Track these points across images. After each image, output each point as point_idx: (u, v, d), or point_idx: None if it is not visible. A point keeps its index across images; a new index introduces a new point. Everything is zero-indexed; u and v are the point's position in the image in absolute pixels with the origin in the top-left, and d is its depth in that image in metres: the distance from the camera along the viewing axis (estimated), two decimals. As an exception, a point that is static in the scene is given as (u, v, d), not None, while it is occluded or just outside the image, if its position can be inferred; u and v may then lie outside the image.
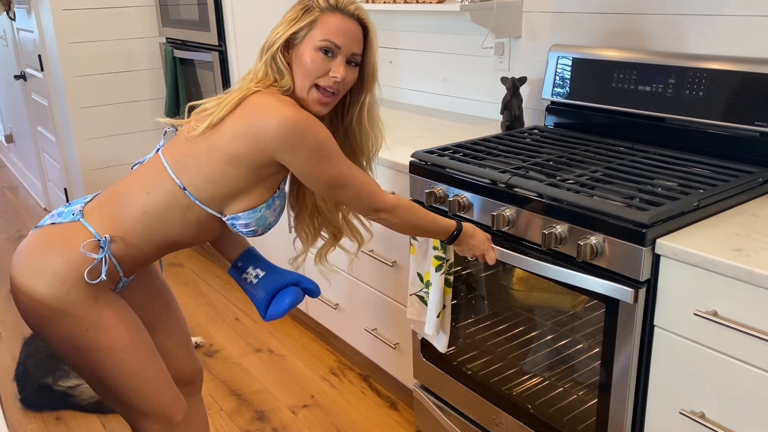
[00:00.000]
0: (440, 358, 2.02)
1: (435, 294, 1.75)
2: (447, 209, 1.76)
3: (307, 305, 2.70)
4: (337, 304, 2.48)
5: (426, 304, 1.81)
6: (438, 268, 1.72)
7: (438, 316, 1.76)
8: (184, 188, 1.34)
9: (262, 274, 1.54)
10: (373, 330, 2.31)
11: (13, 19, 3.99)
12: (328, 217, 1.58)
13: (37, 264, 1.32)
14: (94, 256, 1.31)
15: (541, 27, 2.20)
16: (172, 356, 1.62)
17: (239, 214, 1.36)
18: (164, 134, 1.49)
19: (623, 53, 1.92)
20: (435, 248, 1.72)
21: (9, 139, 5.25)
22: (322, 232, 1.62)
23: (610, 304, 1.44)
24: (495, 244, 1.67)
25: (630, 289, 1.38)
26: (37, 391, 2.33)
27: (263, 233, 1.44)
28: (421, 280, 1.80)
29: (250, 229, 1.39)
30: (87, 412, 2.33)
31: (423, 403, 2.12)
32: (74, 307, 1.32)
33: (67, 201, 3.85)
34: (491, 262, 1.61)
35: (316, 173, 1.34)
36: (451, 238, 1.58)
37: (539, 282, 1.73)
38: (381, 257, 2.17)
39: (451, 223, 1.57)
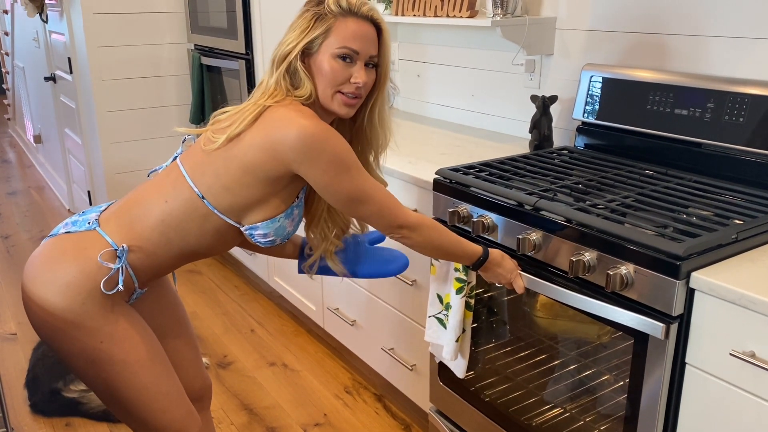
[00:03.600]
0: (457, 382, 1.95)
1: (454, 317, 1.68)
2: (470, 230, 1.70)
3: (324, 320, 2.65)
4: (355, 321, 2.43)
5: (445, 327, 1.74)
6: (459, 291, 1.66)
7: (457, 341, 1.70)
8: (203, 197, 1.31)
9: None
10: (390, 349, 2.25)
11: (45, 22, 4.03)
12: (339, 218, 1.53)
13: (50, 274, 1.28)
14: (111, 265, 1.28)
15: (574, 45, 2.14)
16: (182, 371, 1.58)
17: (257, 224, 1.33)
18: (182, 142, 1.46)
19: (659, 74, 1.85)
20: (456, 270, 1.66)
21: (37, 139, 5.30)
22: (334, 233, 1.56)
23: (640, 337, 1.37)
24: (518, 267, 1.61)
25: (661, 324, 1.30)
26: (47, 396, 2.31)
27: (281, 243, 1.40)
28: (441, 302, 1.74)
29: (268, 239, 1.35)
30: (96, 420, 2.30)
31: (438, 429, 2.05)
32: (88, 319, 1.28)
33: (90, 204, 3.86)
34: (519, 291, 1.55)
35: (334, 186, 1.30)
36: (477, 264, 1.52)
37: (564, 309, 1.66)
38: (401, 276, 2.11)
39: (478, 249, 1.51)
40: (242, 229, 1.34)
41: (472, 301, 1.70)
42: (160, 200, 1.33)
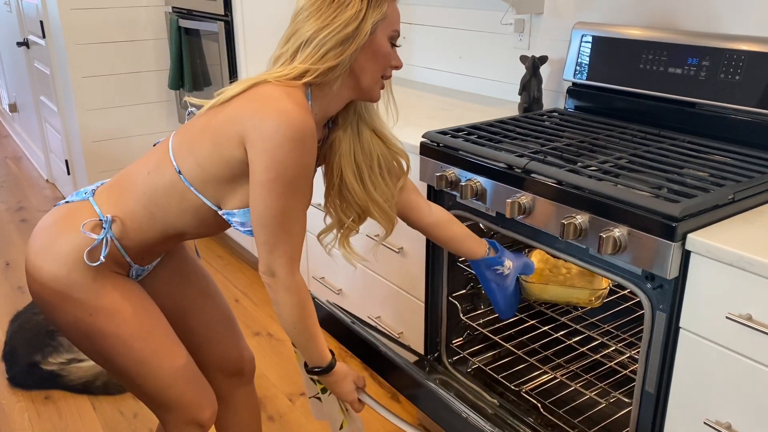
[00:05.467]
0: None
1: (332, 407, 1.49)
2: (459, 194, 1.64)
3: (310, 289, 2.60)
4: (341, 290, 2.39)
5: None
6: (324, 390, 1.46)
7: (341, 427, 1.52)
8: (180, 172, 1.24)
9: (511, 265, 1.55)
10: (376, 318, 2.21)
11: (17, -16, 3.88)
12: (353, 198, 1.38)
13: (41, 242, 1.27)
14: (94, 236, 1.24)
15: (565, 3, 2.07)
16: (212, 345, 1.51)
17: (234, 211, 1.25)
18: (188, 115, 1.39)
19: (652, 32, 1.79)
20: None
21: (13, 108, 5.16)
22: (345, 214, 1.42)
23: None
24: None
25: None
26: (26, 369, 2.26)
27: None
28: (315, 383, 1.51)
29: (247, 229, 1.26)
30: (76, 392, 2.25)
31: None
32: (76, 290, 1.25)
33: (68, 173, 3.76)
34: (355, 411, 1.41)
35: (264, 192, 1.16)
36: (314, 370, 1.34)
37: (554, 275, 1.62)
38: (387, 243, 2.06)
39: (328, 356, 1.33)
40: (220, 213, 1.26)
41: None
42: (144, 172, 1.29)
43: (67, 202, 1.33)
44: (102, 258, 1.24)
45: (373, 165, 1.38)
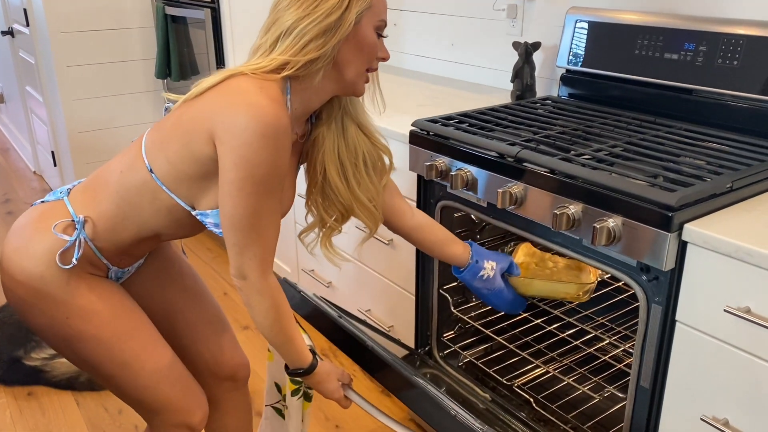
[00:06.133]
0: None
1: (292, 419, 1.46)
2: (449, 184, 1.60)
3: (299, 282, 2.55)
4: (330, 283, 2.34)
5: (284, 418, 1.51)
6: (295, 393, 1.43)
7: None
8: (151, 170, 1.18)
9: (495, 265, 1.49)
10: (366, 311, 2.17)
11: (1, -28, 3.80)
12: (336, 197, 1.33)
13: (17, 245, 1.22)
14: (66, 237, 1.19)
15: (559, -12, 2.02)
16: (200, 347, 1.45)
17: (207, 212, 1.19)
18: (165, 111, 1.32)
19: (648, 17, 1.74)
20: None
21: (0, 98, 5.08)
22: (328, 213, 1.37)
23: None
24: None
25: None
26: (8, 365, 2.21)
27: None
28: (280, 391, 1.50)
29: (221, 230, 1.19)
30: (60, 388, 2.21)
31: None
32: (51, 292, 1.20)
33: (54, 164, 3.70)
34: (342, 407, 1.38)
35: (233, 191, 1.10)
36: (295, 372, 1.29)
37: (541, 269, 1.57)
38: (377, 235, 2.01)
39: (307, 356, 1.28)
40: (193, 213, 1.20)
41: (312, 392, 1.46)
42: (117, 171, 1.23)
43: (43, 201, 1.28)
44: (74, 260, 1.19)
45: (358, 162, 1.32)
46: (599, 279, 1.58)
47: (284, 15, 1.15)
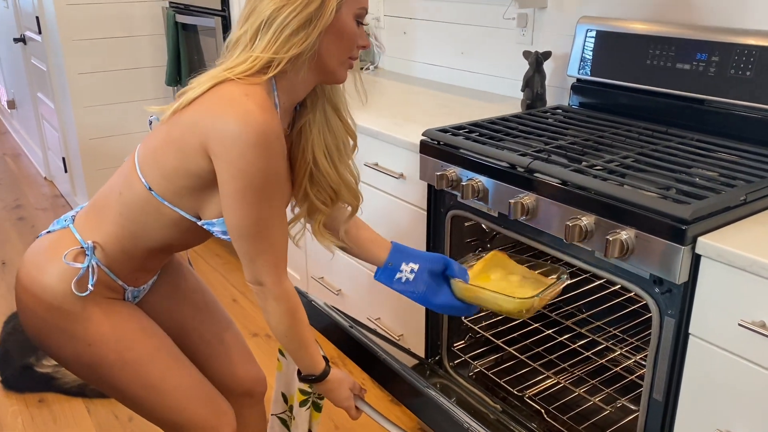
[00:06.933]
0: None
1: (300, 428, 1.45)
2: (460, 194, 1.60)
3: (308, 289, 2.56)
4: (340, 290, 2.34)
5: (288, 429, 1.52)
6: (303, 403, 1.43)
7: None
8: (150, 188, 1.17)
9: (416, 267, 1.41)
10: (376, 319, 2.17)
11: (13, -21, 3.83)
12: (326, 181, 1.31)
13: (30, 279, 1.21)
14: (78, 265, 1.19)
15: (569, -3, 2.01)
16: (215, 363, 1.44)
17: (213, 221, 1.18)
18: (149, 124, 1.31)
19: (659, 27, 1.74)
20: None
21: (11, 104, 5.12)
22: (318, 198, 1.34)
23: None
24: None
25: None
26: (19, 372, 2.22)
27: None
28: (286, 401, 1.51)
29: (228, 237, 1.19)
30: (70, 395, 2.21)
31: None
32: (70, 323, 1.20)
33: (65, 171, 3.72)
34: (352, 418, 1.38)
35: (235, 203, 1.10)
36: (307, 378, 1.30)
37: (501, 279, 1.46)
38: (386, 242, 2.01)
39: (321, 363, 1.29)
40: (199, 223, 1.20)
41: (322, 402, 1.45)
42: (115, 192, 1.22)
43: (48, 231, 1.27)
44: (90, 287, 1.19)
45: (339, 145, 1.32)
46: (539, 296, 1.38)
47: (261, 3, 1.12)
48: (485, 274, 1.45)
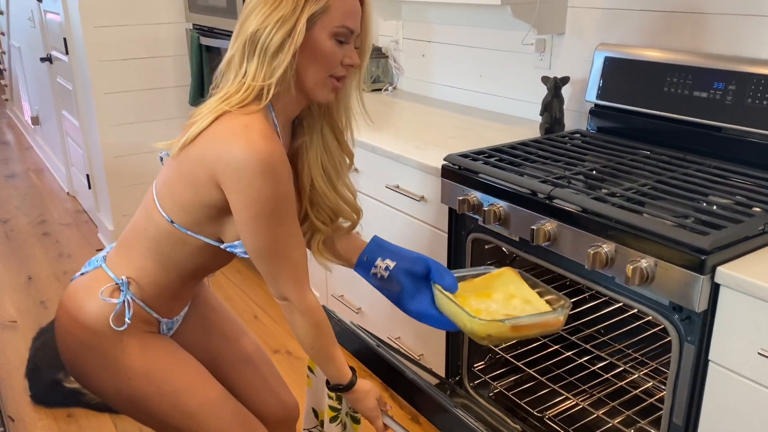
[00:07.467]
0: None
1: None
2: (481, 218, 1.64)
3: (329, 307, 2.59)
4: (360, 309, 2.38)
5: None
6: (333, 419, 1.45)
7: None
8: (172, 221, 1.22)
9: (392, 264, 1.36)
10: (396, 338, 2.20)
11: (40, 1, 3.93)
12: (324, 201, 1.35)
13: (69, 318, 1.27)
14: (114, 300, 1.24)
15: (588, 23, 2.06)
16: (247, 391, 1.48)
17: (235, 243, 1.22)
18: (161, 160, 1.35)
19: (677, 55, 1.77)
20: (330, 397, 1.43)
21: (35, 121, 5.22)
22: (318, 218, 1.38)
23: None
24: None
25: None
26: (48, 387, 2.27)
27: None
28: (317, 416, 1.54)
29: None
30: (98, 411, 2.26)
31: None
32: (109, 358, 1.25)
33: (89, 187, 3.79)
34: (378, 431, 1.39)
35: (249, 228, 1.15)
36: (336, 387, 1.34)
37: (469, 295, 1.36)
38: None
39: (347, 373, 1.32)
40: (222, 247, 1.24)
41: (359, 414, 1.44)
42: (140, 229, 1.27)
43: (82, 273, 1.32)
44: (127, 320, 1.23)
45: (337, 165, 1.35)
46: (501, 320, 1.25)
47: (246, 21, 1.16)
48: (487, 291, 1.36)
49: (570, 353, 1.87)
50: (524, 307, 1.30)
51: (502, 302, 1.32)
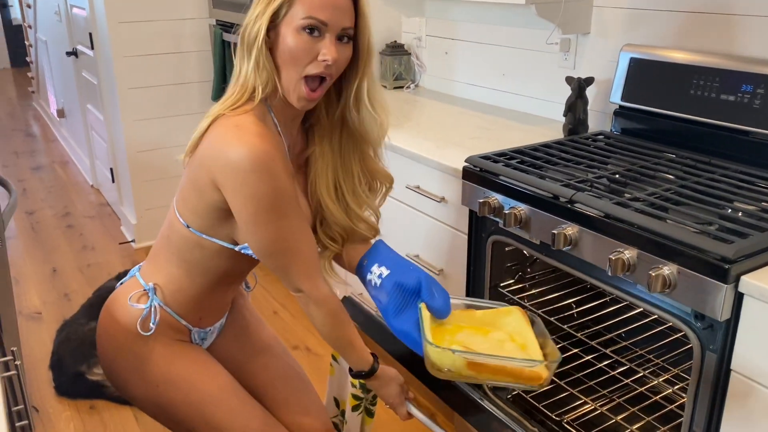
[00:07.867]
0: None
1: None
2: (502, 221, 1.63)
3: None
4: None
5: None
6: (355, 408, 1.47)
7: None
8: (188, 226, 1.25)
9: (386, 273, 1.28)
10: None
11: (67, -4, 3.98)
12: (333, 220, 1.33)
13: (104, 326, 1.32)
14: (141, 306, 1.27)
15: (613, 24, 2.03)
16: (281, 408, 1.48)
17: (245, 244, 1.24)
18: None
19: (704, 57, 1.75)
20: (353, 385, 1.45)
21: (61, 113, 5.29)
22: (328, 236, 1.36)
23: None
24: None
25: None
26: (72, 379, 2.31)
27: None
28: (338, 406, 1.56)
29: None
30: (120, 403, 2.30)
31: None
32: (139, 363, 1.28)
33: (113, 181, 3.84)
34: (401, 418, 1.39)
35: (251, 226, 1.16)
36: (358, 374, 1.35)
37: (456, 327, 1.27)
38: (428, 263, 2.05)
39: (368, 359, 1.32)
40: (236, 249, 1.25)
41: (374, 408, 1.49)
42: (165, 237, 1.31)
43: (121, 283, 1.36)
44: (152, 326, 1.26)
45: (354, 185, 1.33)
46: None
47: (243, 23, 1.19)
48: (486, 327, 1.25)
49: (589, 357, 1.86)
50: (517, 353, 1.18)
51: (495, 343, 1.20)
